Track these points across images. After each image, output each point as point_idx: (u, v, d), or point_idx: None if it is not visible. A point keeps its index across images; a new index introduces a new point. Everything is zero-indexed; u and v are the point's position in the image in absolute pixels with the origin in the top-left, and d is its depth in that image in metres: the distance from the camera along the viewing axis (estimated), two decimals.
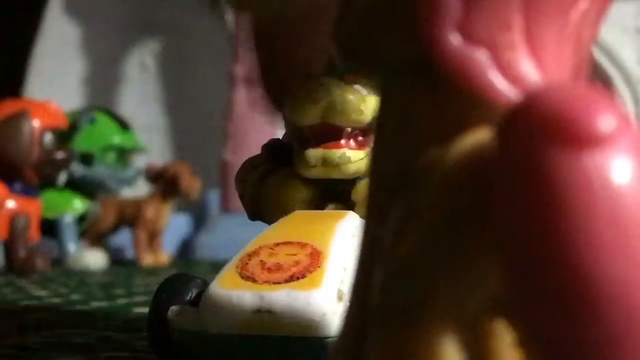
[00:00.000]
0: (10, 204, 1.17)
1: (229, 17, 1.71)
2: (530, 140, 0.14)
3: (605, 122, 0.14)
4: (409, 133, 0.17)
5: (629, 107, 1.44)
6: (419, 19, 0.16)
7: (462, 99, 0.16)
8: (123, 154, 1.42)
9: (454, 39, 0.15)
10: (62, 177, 1.36)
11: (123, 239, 1.45)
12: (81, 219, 1.36)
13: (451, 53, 0.15)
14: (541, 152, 0.14)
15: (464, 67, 0.15)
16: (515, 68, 0.16)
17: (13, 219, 1.17)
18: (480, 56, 0.16)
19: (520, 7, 0.16)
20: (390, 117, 0.18)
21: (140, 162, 1.46)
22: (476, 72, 0.15)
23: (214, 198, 1.63)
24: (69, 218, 1.35)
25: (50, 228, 1.31)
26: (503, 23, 0.16)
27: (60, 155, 1.21)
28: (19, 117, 1.18)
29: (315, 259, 0.39)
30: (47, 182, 1.27)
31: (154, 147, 1.73)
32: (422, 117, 0.17)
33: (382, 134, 0.18)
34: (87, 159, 1.38)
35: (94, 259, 1.26)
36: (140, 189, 1.47)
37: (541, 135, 0.14)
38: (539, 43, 0.16)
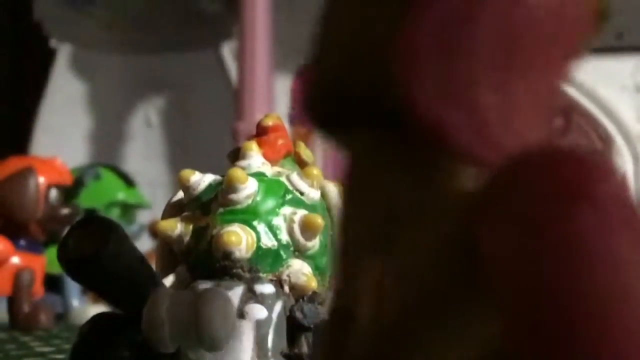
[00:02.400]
0: (15, 259, 1.18)
1: (232, 73, 1.72)
2: (526, 197, 0.14)
3: (599, 182, 0.14)
4: (381, 193, 0.17)
5: (628, 164, 1.45)
6: (397, 78, 0.16)
7: (436, 156, 0.16)
8: (127, 210, 1.42)
9: (431, 98, 0.15)
10: None
11: None
12: None
13: (427, 111, 0.15)
14: (536, 208, 0.14)
15: (440, 126, 0.15)
16: (491, 127, 0.16)
17: (17, 274, 1.17)
18: (457, 115, 0.16)
19: (497, 67, 0.16)
20: (361, 178, 0.18)
21: (144, 217, 1.47)
22: (452, 132, 0.15)
23: None
24: None
25: (54, 283, 1.31)
26: (483, 81, 0.16)
27: (65, 211, 1.22)
28: (25, 173, 1.19)
29: None
30: (52, 238, 1.27)
31: (158, 203, 1.73)
32: (395, 175, 0.17)
33: (352, 197, 0.18)
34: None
35: None
36: (145, 244, 1.47)
37: (536, 192, 0.14)
38: (515, 102, 0.16)
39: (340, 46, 0.17)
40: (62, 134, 1.83)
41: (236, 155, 0.48)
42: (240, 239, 0.42)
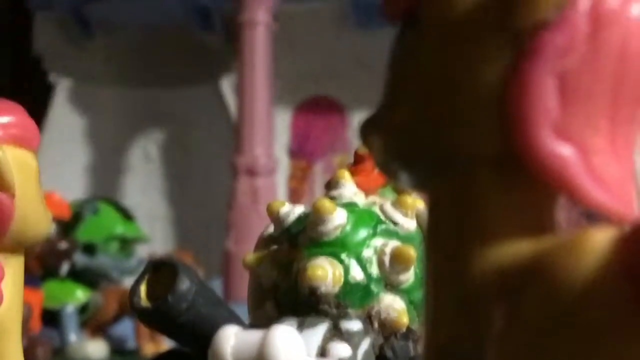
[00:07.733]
0: None
1: (232, 107, 1.73)
2: None
3: None
4: (476, 230, 0.16)
5: None
6: (515, 115, 0.16)
7: (543, 197, 0.16)
8: (126, 244, 1.42)
9: (549, 139, 0.15)
10: (65, 267, 1.36)
11: (124, 328, 1.44)
12: (83, 308, 1.36)
13: (546, 152, 0.15)
14: None
15: (558, 167, 0.15)
16: (602, 171, 0.16)
17: None
18: (574, 158, 0.16)
19: (608, 113, 0.16)
20: (450, 217, 0.17)
21: (143, 251, 1.46)
22: (569, 173, 0.16)
23: (217, 288, 1.63)
24: (70, 308, 1.34)
25: (51, 318, 1.30)
26: (593, 126, 0.16)
27: (63, 245, 1.22)
28: None
29: None
30: (49, 272, 1.27)
31: (156, 237, 1.73)
32: (494, 213, 0.16)
33: (436, 237, 0.17)
34: (89, 249, 1.38)
35: (95, 349, 1.25)
36: None
37: None
38: (619, 146, 0.16)
39: (425, 92, 0.17)
40: (60, 167, 1.83)
41: (331, 184, 0.46)
42: (326, 273, 0.40)
